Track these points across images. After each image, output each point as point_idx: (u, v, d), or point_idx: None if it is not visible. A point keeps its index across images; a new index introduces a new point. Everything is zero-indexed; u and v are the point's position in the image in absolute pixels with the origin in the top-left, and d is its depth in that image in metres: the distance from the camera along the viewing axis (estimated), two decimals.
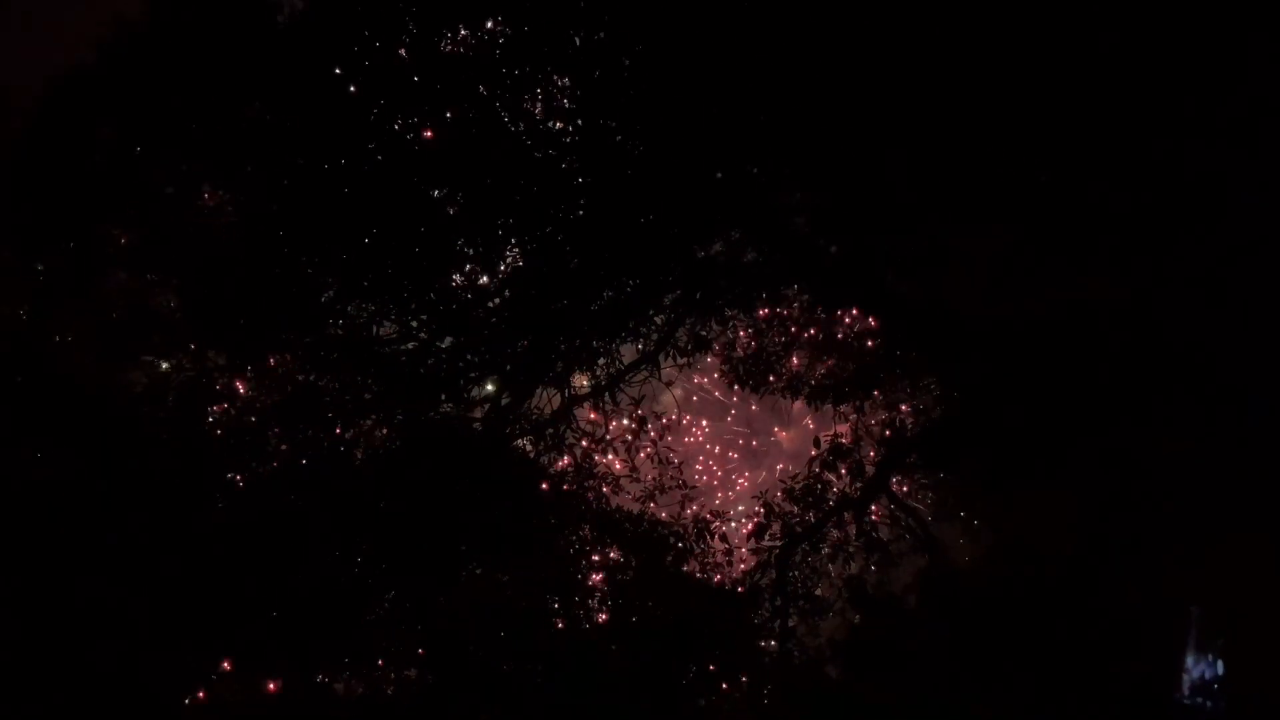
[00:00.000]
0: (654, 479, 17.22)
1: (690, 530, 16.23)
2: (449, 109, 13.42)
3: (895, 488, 17.09)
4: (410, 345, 14.89)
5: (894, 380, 16.67)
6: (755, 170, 14.07)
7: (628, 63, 13.44)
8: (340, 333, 14.50)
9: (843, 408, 16.99)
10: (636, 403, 16.81)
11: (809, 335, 17.49)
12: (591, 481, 16.14)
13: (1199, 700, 11.77)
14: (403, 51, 13.25)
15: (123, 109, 13.68)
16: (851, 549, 16.50)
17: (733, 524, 16.77)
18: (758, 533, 16.10)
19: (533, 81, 13.53)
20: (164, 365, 14.74)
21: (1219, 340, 11.39)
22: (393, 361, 14.69)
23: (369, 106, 13.28)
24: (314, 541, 13.79)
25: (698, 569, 16.13)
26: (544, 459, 16.02)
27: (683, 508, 16.73)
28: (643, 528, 15.99)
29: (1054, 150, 11.64)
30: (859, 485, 16.40)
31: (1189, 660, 11.89)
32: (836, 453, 16.27)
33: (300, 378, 14.56)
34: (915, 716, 13.08)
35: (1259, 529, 11.11)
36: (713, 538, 16.30)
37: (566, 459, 16.19)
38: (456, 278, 14.81)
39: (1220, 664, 11.76)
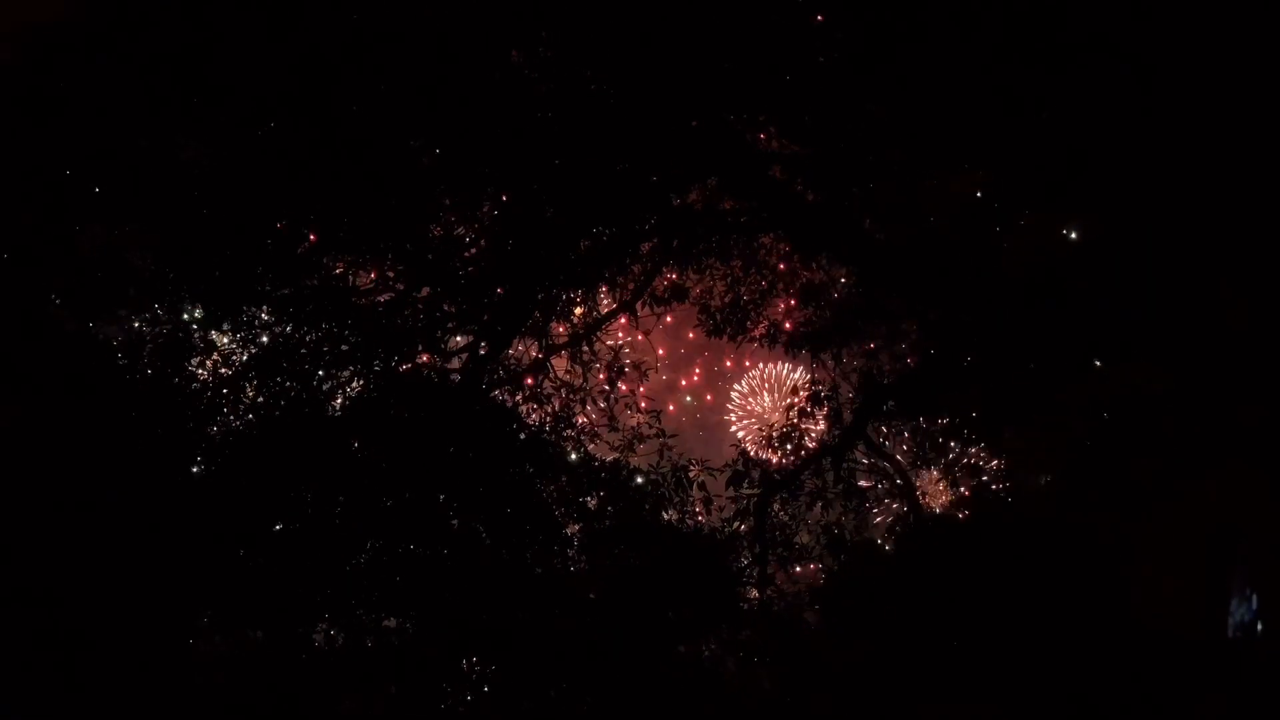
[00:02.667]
0: (632, 428, 17.20)
1: (668, 479, 16.20)
2: (426, 59, 13.34)
3: (873, 434, 17.12)
4: (388, 296, 14.91)
5: (872, 327, 16.68)
6: (731, 118, 14.05)
7: (604, 10, 13.37)
8: (317, 284, 14.47)
9: (821, 355, 17.05)
10: (614, 351, 16.87)
11: (786, 283, 17.47)
12: (569, 430, 16.13)
13: (1239, 636, 11.35)
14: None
15: (97, 62, 13.54)
16: (830, 496, 16.55)
17: (711, 473, 16.67)
18: (735, 481, 16.08)
19: (510, 31, 13.47)
20: (139, 320, 14.65)
21: (1198, 278, 11.44)
22: (370, 312, 14.69)
23: (345, 58, 13.19)
24: (291, 492, 13.80)
25: (676, 517, 16.13)
26: (521, 408, 16.02)
27: (661, 456, 16.71)
28: (620, 476, 15.98)
29: (1030, 91, 11.64)
30: (837, 433, 16.45)
31: (1233, 601, 11.49)
32: (814, 400, 16.31)
33: (277, 329, 14.51)
34: (893, 661, 13.21)
35: (1253, 459, 11.07)
36: (691, 486, 16.25)
37: (544, 408, 16.20)
38: (434, 228, 14.79)
39: (1255, 598, 11.39)
